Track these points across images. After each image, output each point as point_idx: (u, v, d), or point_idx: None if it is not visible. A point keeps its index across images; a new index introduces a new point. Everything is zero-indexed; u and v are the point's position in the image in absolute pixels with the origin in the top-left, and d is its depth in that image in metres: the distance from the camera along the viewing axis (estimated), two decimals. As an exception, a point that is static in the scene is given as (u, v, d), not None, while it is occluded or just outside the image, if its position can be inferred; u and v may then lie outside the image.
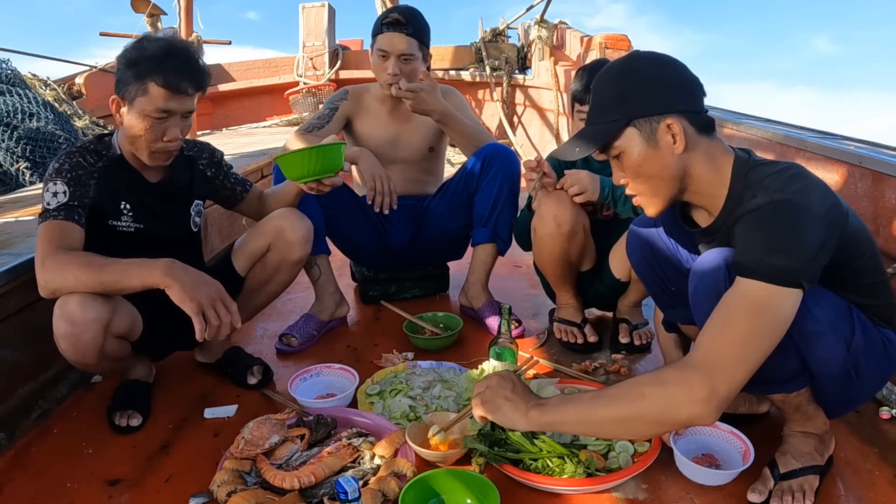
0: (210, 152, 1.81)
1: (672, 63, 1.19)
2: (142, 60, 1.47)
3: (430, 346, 1.96)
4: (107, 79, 5.97)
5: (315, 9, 6.48)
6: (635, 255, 1.56)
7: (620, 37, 4.31)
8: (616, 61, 1.24)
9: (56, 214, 1.46)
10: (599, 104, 1.23)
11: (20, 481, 1.40)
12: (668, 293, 1.49)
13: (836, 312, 1.15)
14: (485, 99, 6.11)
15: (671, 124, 1.16)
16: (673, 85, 1.18)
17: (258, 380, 1.77)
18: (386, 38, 2.09)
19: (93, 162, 1.55)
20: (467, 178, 2.16)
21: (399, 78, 2.09)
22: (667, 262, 1.48)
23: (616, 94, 1.20)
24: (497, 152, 2.10)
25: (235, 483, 1.27)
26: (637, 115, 1.17)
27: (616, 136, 1.20)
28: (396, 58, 2.09)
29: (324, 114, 2.21)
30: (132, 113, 1.50)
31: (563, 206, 1.82)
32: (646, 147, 1.18)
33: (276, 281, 1.85)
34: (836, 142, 2.15)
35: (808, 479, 1.24)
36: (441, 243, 2.34)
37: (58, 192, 1.48)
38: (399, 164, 2.28)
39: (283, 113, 6.20)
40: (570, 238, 1.84)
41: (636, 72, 1.19)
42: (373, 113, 2.25)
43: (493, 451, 1.31)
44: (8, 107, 3.95)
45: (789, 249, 1.05)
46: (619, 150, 1.21)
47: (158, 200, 1.65)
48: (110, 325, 1.43)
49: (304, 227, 1.80)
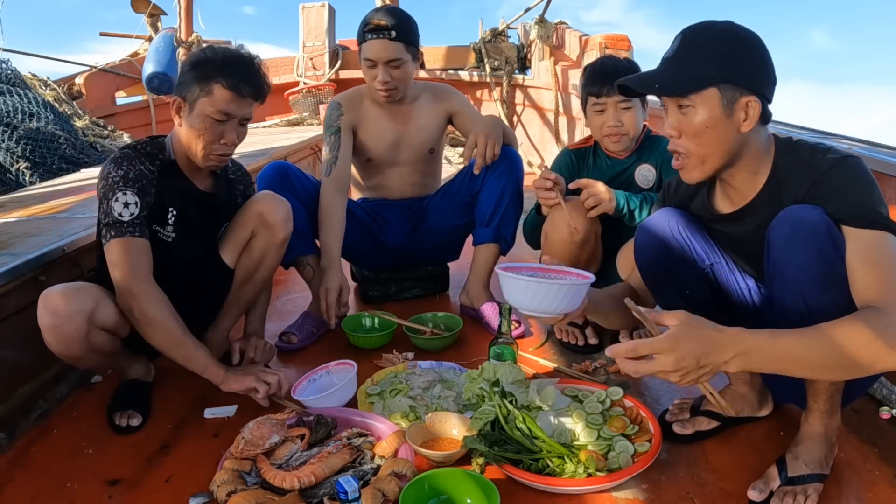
0: (249, 183, 1.87)
1: (768, 50, 1.21)
2: (209, 62, 1.52)
3: (430, 346, 1.96)
4: (107, 79, 5.98)
5: (315, 9, 6.49)
6: (647, 259, 1.45)
7: (620, 36, 4.32)
8: (719, 22, 1.23)
9: (132, 231, 1.51)
10: (694, 54, 1.21)
11: (20, 481, 1.40)
12: (682, 296, 1.42)
13: None
14: (484, 99, 6.11)
15: (750, 103, 1.18)
16: (767, 68, 1.20)
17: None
18: (370, 46, 2.02)
19: (152, 169, 1.58)
20: (471, 178, 2.16)
21: (392, 84, 2.05)
22: (682, 263, 1.40)
23: (719, 51, 1.19)
24: (501, 153, 2.10)
25: (235, 483, 1.27)
26: (730, 81, 1.18)
27: (700, 90, 1.19)
28: (384, 65, 2.03)
29: (332, 143, 2.15)
30: (193, 114, 1.54)
31: (579, 214, 1.81)
32: (720, 113, 1.19)
33: (264, 266, 1.83)
34: (835, 141, 2.15)
35: (814, 486, 1.24)
36: (439, 242, 2.34)
37: (129, 202, 1.50)
38: (400, 166, 2.28)
39: (283, 113, 6.20)
40: (583, 245, 1.84)
41: (745, 40, 1.20)
42: (372, 120, 2.20)
43: (493, 451, 1.31)
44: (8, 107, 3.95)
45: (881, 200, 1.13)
46: (692, 105, 1.20)
47: (198, 211, 1.69)
48: (94, 316, 1.45)
49: (282, 207, 1.79)
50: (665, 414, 1.51)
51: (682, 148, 1.24)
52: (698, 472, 1.35)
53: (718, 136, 1.21)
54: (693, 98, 1.19)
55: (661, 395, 1.68)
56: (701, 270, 1.37)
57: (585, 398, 1.53)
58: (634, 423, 1.43)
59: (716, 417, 1.47)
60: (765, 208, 1.26)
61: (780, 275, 1.17)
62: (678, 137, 1.24)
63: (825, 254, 1.11)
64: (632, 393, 1.62)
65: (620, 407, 1.50)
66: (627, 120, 1.86)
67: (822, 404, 1.26)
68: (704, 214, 1.40)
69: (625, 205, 1.80)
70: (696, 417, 1.47)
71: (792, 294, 1.15)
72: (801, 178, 1.21)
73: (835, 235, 1.12)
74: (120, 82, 6.28)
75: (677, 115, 1.23)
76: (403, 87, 2.11)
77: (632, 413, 1.47)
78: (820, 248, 1.11)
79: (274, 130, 5.52)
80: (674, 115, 1.24)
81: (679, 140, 1.24)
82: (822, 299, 1.12)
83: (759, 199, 1.27)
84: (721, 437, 1.46)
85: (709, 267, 1.38)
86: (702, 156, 1.23)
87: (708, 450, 1.42)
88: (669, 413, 1.51)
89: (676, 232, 1.38)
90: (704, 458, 1.39)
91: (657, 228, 1.42)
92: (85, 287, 1.49)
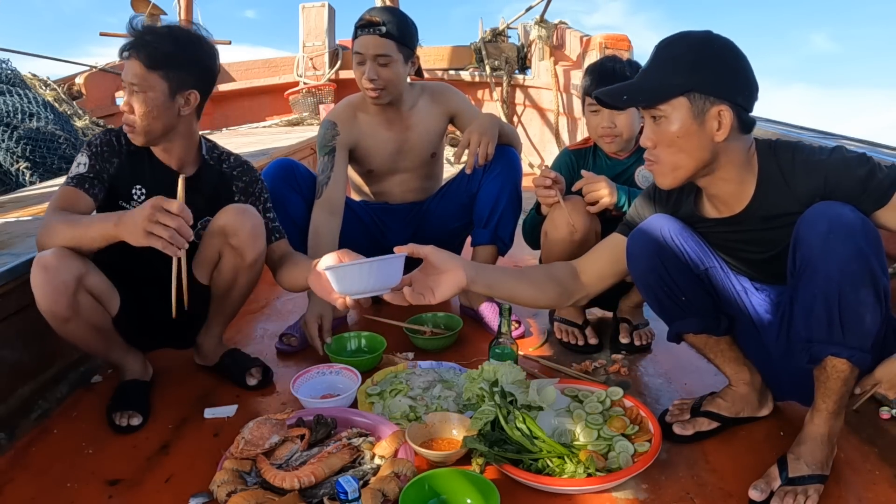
0: (253, 180, 1.76)
1: (745, 57, 1.23)
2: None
3: (430, 346, 1.96)
4: (107, 79, 5.98)
5: (315, 9, 6.48)
6: (640, 267, 1.41)
7: (620, 37, 4.31)
8: (694, 31, 1.25)
9: (70, 182, 1.57)
10: (664, 63, 1.23)
11: (20, 481, 1.40)
12: (677, 302, 1.40)
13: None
14: (485, 99, 6.11)
15: (722, 111, 1.19)
16: (739, 76, 1.21)
17: (258, 380, 1.76)
18: (360, 41, 1.97)
19: (123, 143, 1.62)
20: (469, 179, 2.14)
21: (376, 83, 1.95)
22: (676, 269, 1.37)
23: (688, 60, 1.20)
24: (499, 153, 2.08)
25: (235, 483, 1.27)
26: (698, 90, 1.19)
27: (668, 99, 1.20)
28: (372, 61, 1.95)
29: (325, 164, 2.06)
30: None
31: (578, 213, 1.80)
32: (691, 122, 1.20)
33: (239, 285, 1.72)
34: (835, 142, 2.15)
35: (815, 486, 1.24)
36: (439, 244, 2.33)
37: (80, 162, 1.59)
38: (401, 173, 2.23)
39: (283, 113, 6.19)
40: (582, 245, 1.84)
41: (715, 49, 1.21)
42: (371, 133, 2.11)
43: (493, 451, 1.31)
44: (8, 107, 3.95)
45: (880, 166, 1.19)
46: (663, 114, 1.22)
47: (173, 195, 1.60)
48: (83, 278, 1.48)
49: (247, 224, 1.61)
50: (665, 414, 1.51)
51: (655, 157, 1.27)
52: (698, 472, 1.35)
53: (692, 145, 1.22)
54: (664, 108, 1.21)
55: (661, 395, 1.68)
56: (696, 276, 1.37)
57: (585, 398, 1.53)
58: (634, 423, 1.43)
59: (716, 418, 1.47)
60: (757, 211, 1.27)
61: (813, 272, 1.16)
62: (654, 148, 1.26)
63: (862, 251, 1.12)
64: (632, 393, 1.62)
65: (620, 407, 1.50)
66: (621, 122, 1.85)
67: (832, 405, 1.26)
68: (692, 219, 1.39)
69: (625, 202, 1.79)
70: (696, 418, 1.47)
71: (827, 291, 1.15)
72: (801, 178, 1.22)
73: (868, 231, 1.13)
74: (120, 82, 6.27)
75: (651, 125, 1.25)
76: (393, 90, 2.00)
77: (632, 413, 1.47)
78: (858, 245, 1.12)
79: (274, 130, 5.52)
80: (648, 125, 1.26)
81: (654, 150, 1.26)
82: (856, 296, 1.13)
83: (753, 204, 1.28)
84: (721, 437, 1.46)
85: (703, 272, 1.38)
86: (674, 163, 1.25)
87: (708, 450, 1.42)
88: (669, 414, 1.51)
89: (669, 238, 1.37)
90: (704, 458, 1.39)
91: (650, 236, 1.39)
92: (77, 255, 1.50)
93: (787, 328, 1.32)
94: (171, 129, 1.60)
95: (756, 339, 1.41)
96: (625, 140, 1.89)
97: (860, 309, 1.13)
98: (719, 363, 1.47)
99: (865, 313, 1.14)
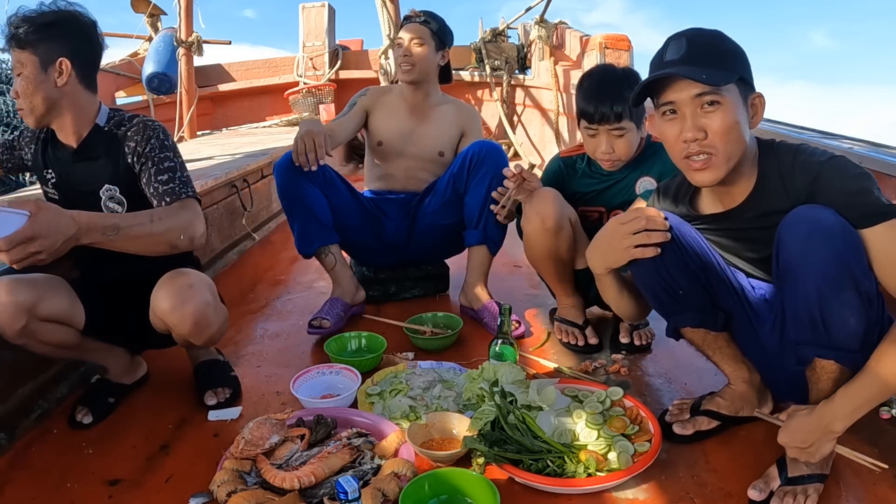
0: (143, 139, 1.57)
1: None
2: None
3: (430, 346, 1.96)
4: (106, 79, 5.98)
5: (315, 9, 6.47)
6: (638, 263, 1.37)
7: (620, 37, 4.31)
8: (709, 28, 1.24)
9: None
10: (711, 50, 1.20)
11: (20, 481, 1.40)
12: (675, 297, 1.38)
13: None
14: (485, 99, 6.11)
15: (759, 99, 1.20)
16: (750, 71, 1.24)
17: (216, 402, 1.67)
18: (402, 30, 2.29)
19: (41, 132, 1.66)
20: (455, 178, 2.17)
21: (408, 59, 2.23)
22: (674, 263, 1.36)
23: (730, 48, 1.20)
24: (484, 153, 2.09)
25: (235, 483, 1.27)
26: (743, 77, 1.20)
27: (727, 84, 1.19)
28: (408, 42, 2.24)
29: (342, 113, 2.34)
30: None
31: (546, 202, 1.83)
32: (742, 109, 1.21)
33: (198, 349, 1.69)
34: (836, 141, 2.16)
35: (814, 486, 1.23)
36: (436, 237, 2.35)
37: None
38: (407, 158, 2.34)
39: (283, 113, 6.19)
40: (557, 233, 1.84)
41: (736, 43, 1.22)
42: (391, 108, 2.35)
43: (493, 451, 1.31)
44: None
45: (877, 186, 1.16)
46: (721, 101, 1.19)
47: (72, 171, 1.63)
48: (36, 308, 1.44)
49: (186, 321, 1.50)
50: (665, 414, 1.51)
51: (709, 148, 1.22)
52: (698, 472, 1.35)
53: (741, 133, 1.22)
54: (723, 94, 1.19)
55: (661, 395, 1.68)
56: (693, 271, 1.37)
57: (585, 398, 1.53)
58: (634, 423, 1.44)
59: (716, 417, 1.47)
60: (753, 209, 1.28)
61: (794, 275, 1.17)
62: (704, 139, 1.21)
63: (841, 255, 1.12)
64: (632, 393, 1.62)
65: (620, 407, 1.50)
66: (619, 146, 1.81)
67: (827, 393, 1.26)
68: (689, 215, 1.40)
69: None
70: (696, 417, 1.47)
71: (807, 294, 1.15)
72: (796, 179, 1.21)
73: (847, 235, 1.13)
74: (120, 82, 6.28)
75: (699, 115, 1.21)
76: (421, 67, 2.25)
77: (632, 413, 1.47)
78: (837, 249, 1.12)
79: (274, 130, 5.52)
80: (696, 116, 1.21)
81: (705, 140, 1.21)
82: (837, 299, 1.13)
83: (750, 200, 1.28)
84: (721, 437, 1.46)
85: (700, 268, 1.37)
86: (727, 153, 1.22)
87: (708, 450, 1.42)
88: (669, 414, 1.51)
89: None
90: (704, 458, 1.39)
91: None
92: (33, 280, 1.47)
93: (780, 328, 1.32)
94: (55, 104, 1.55)
95: (754, 337, 1.41)
96: (623, 162, 1.87)
97: (843, 311, 1.13)
98: (718, 360, 1.47)
99: (850, 315, 1.13)
